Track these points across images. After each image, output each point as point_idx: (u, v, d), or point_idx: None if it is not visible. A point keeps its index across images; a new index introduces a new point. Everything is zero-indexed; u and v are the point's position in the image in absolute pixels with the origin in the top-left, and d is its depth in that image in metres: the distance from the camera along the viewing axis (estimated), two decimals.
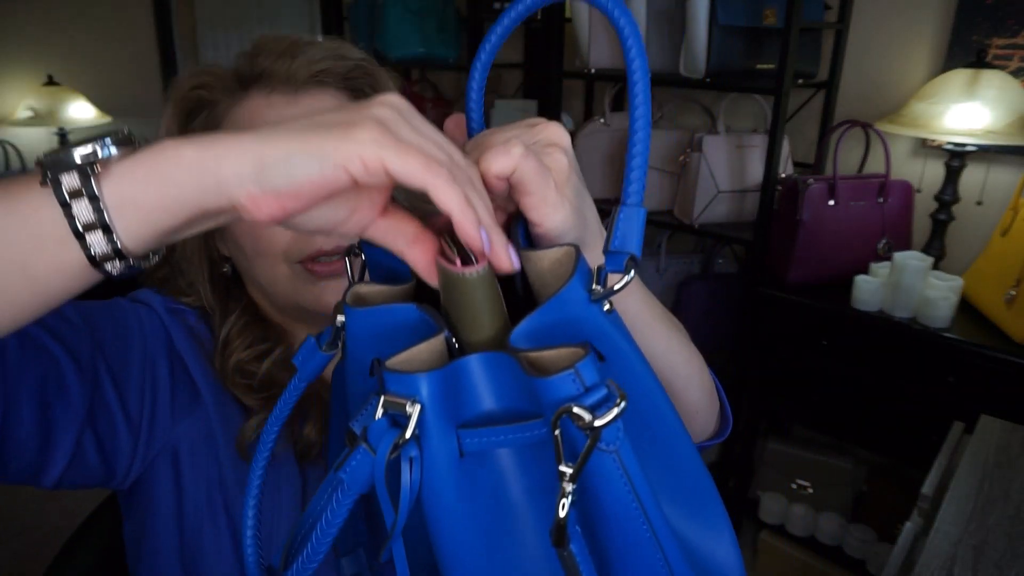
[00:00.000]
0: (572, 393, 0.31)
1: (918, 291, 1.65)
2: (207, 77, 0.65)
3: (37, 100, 2.90)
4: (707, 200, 1.98)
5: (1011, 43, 1.73)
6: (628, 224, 0.37)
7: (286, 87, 0.64)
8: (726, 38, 1.83)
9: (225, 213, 0.36)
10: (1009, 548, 0.95)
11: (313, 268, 0.63)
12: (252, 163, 0.34)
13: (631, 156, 0.37)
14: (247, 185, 0.34)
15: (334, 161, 0.34)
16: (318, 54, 0.64)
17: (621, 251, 0.36)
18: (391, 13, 2.44)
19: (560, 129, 0.44)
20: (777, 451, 2.17)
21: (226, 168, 0.34)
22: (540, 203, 0.40)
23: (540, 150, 0.42)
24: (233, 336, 0.67)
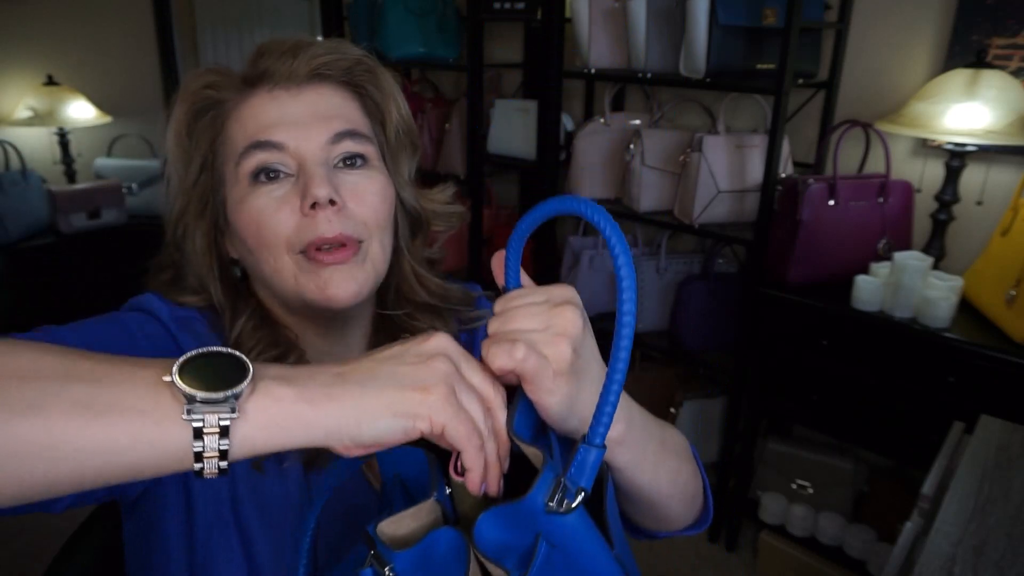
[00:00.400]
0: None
1: (918, 291, 1.65)
2: (215, 77, 0.66)
3: (37, 100, 2.90)
4: (707, 200, 1.98)
5: (1011, 43, 1.73)
6: (584, 461, 0.43)
7: (288, 83, 0.65)
8: (726, 38, 1.83)
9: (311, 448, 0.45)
10: (1009, 548, 0.95)
11: (316, 257, 0.63)
12: (352, 423, 0.43)
13: (606, 392, 0.42)
14: (345, 440, 0.43)
15: (413, 425, 0.43)
16: (319, 51, 0.66)
17: (575, 485, 0.43)
18: (391, 13, 2.44)
19: (575, 317, 0.49)
20: (777, 451, 2.17)
21: (331, 424, 0.43)
22: (536, 390, 0.47)
23: (549, 338, 0.47)
24: (244, 338, 0.66)
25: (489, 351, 0.46)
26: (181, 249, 0.69)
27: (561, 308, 0.49)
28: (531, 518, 0.43)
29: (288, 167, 0.63)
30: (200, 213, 0.67)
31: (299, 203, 0.62)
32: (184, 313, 0.67)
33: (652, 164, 2.11)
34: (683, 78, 1.94)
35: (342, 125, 0.65)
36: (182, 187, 0.67)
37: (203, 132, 0.66)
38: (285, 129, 0.63)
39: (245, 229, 0.64)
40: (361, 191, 0.65)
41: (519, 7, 2.26)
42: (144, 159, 3.12)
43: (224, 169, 0.66)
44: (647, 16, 1.96)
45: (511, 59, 2.72)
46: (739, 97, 2.13)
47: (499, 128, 2.49)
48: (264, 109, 0.64)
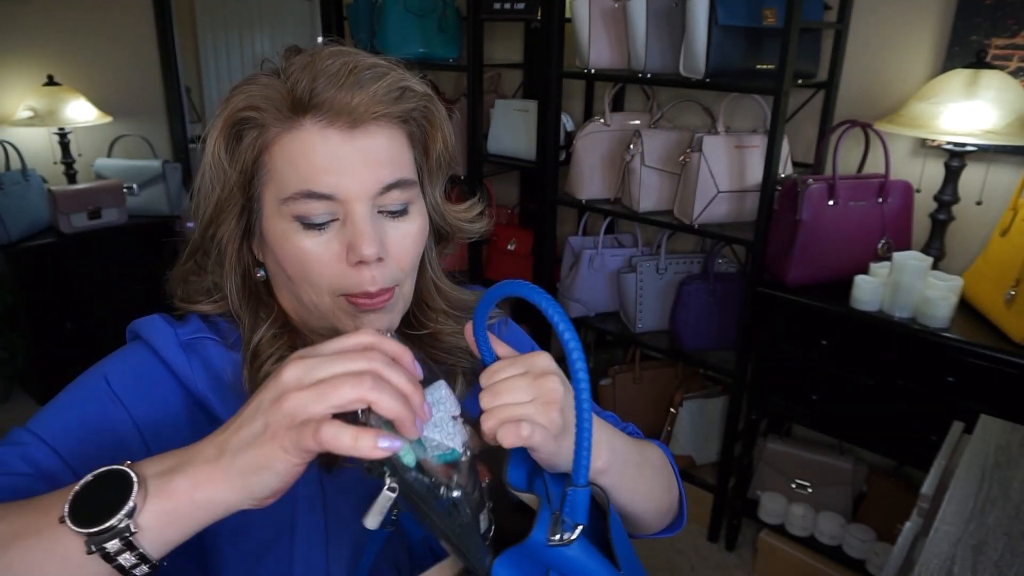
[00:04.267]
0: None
1: (918, 291, 1.65)
2: (260, 98, 0.61)
3: (37, 100, 2.90)
4: (707, 200, 1.98)
5: (1011, 43, 1.73)
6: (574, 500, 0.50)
7: (343, 122, 0.60)
8: (726, 38, 1.83)
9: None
10: (1009, 548, 0.95)
11: (356, 301, 0.63)
12: (244, 491, 0.47)
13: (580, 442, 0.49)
14: (246, 504, 0.48)
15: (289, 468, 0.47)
16: (381, 90, 0.61)
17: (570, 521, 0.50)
18: (391, 13, 2.44)
19: (557, 385, 0.55)
20: (777, 451, 2.17)
21: (230, 499, 0.47)
22: (542, 456, 0.54)
23: (541, 408, 0.53)
24: (263, 347, 0.66)
25: (498, 433, 0.51)
26: (206, 250, 0.68)
27: (543, 378, 0.55)
28: (538, 554, 0.50)
29: (335, 214, 0.61)
30: (229, 221, 0.66)
31: (344, 252, 0.62)
32: (191, 336, 0.65)
33: (652, 164, 2.11)
34: (683, 78, 1.94)
35: (392, 175, 0.62)
36: (216, 197, 0.64)
37: (243, 152, 0.63)
38: (335, 177, 0.60)
39: (286, 262, 0.63)
40: (402, 240, 0.64)
41: (519, 7, 2.26)
42: (144, 159, 3.12)
43: (264, 191, 0.64)
44: (647, 16, 1.96)
45: (511, 59, 2.73)
46: (739, 97, 2.13)
47: (499, 128, 2.49)
48: (315, 150, 0.60)
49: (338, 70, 0.60)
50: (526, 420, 0.52)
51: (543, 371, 0.55)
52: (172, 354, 0.63)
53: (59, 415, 0.61)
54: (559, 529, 0.50)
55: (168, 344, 0.64)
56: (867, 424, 1.78)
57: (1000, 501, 1.04)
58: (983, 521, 1.00)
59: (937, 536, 0.97)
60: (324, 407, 0.46)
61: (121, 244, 2.91)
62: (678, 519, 0.78)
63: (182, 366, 0.63)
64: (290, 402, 0.46)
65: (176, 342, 0.64)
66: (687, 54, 1.90)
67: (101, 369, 0.64)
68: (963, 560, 0.93)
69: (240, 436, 0.48)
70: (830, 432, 1.94)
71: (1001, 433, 1.23)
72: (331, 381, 0.47)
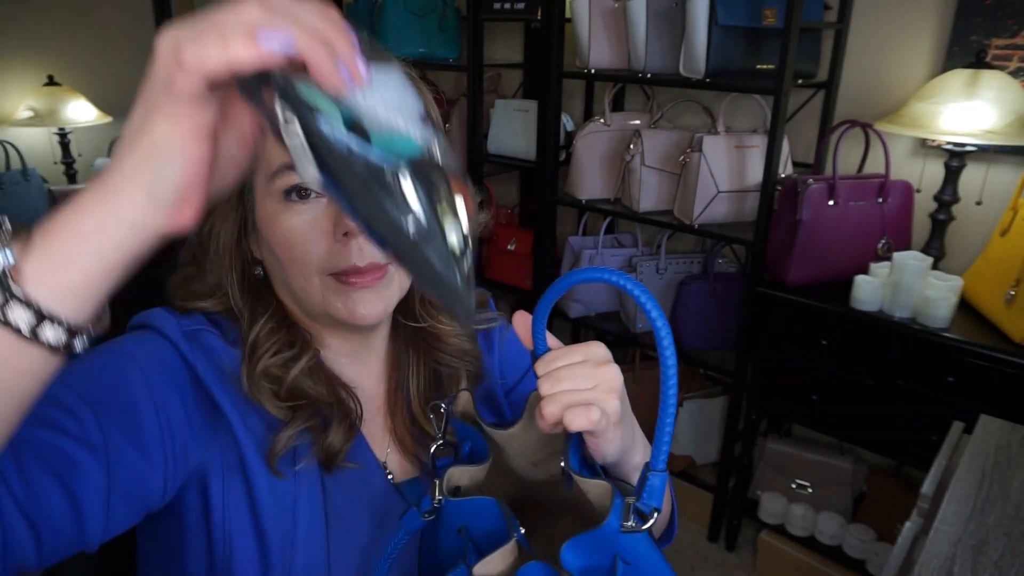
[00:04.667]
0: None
1: (918, 291, 1.65)
2: None
3: (37, 100, 2.90)
4: (707, 200, 1.98)
5: (1011, 43, 1.73)
6: (654, 487, 0.50)
7: None
8: (726, 38, 1.83)
9: (153, 243, 0.40)
10: (1008, 548, 0.95)
11: (346, 279, 0.63)
12: (140, 198, 0.38)
13: (662, 424, 0.50)
14: (152, 217, 0.39)
15: (173, 141, 0.38)
16: None
17: (649, 504, 0.50)
18: (391, 13, 2.44)
19: (617, 374, 0.56)
20: (777, 451, 2.17)
21: (126, 211, 0.38)
22: (601, 443, 0.55)
23: (603, 396, 0.54)
24: (261, 340, 0.66)
25: (565, 417, 0.52)
26: (205, 249, 0.68)
27: (604, 367, 0.55)
28: (607, 541, 0.50)
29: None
30: (227, 215, 0.67)
31: (331, 228, 0.62)
32: (193, 327, 0.66)
33: (652, 164, 2.11)
34: (683, 78, 1.94)
35: None
36: None
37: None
38: None
39: (276, 245, 0.64)
40: None
41: (519, 7, 2.26)
42: None
43: (255, 177, 0.65)
44: (647, 16, 1.96)
45: (511, 59, 2.72)
46: (739, 97, 2.13)
47: (499, 128, 2.49)
48: None
49: None
50: (595, 404, 0.52)
51: (602, 359, 0.56)
52: (179, 339, 0.63)
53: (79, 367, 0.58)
54: (633, 514, 0.50)
55: (175, 331, 0.64)
56: (867, 424, 1.78)
57: (1000, 501, 1.04)
58: (983, 521, 1.00)
59: (937, 536, 0.97)
60: (202, 51, 0.36)
61: None
62: (668, 532, 0.80)
63: (189, 352, 0.63)
64: (162, 58, 0.37)
65: (180, 331, 0.64)
66: (687, 54, 1.90)
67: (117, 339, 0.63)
68: (963, 560, 0.93)
69: (122, 143, 0.39)
70: (830, 432, 1.94)
71: (1001, 433, 1.23)
72: (214, 25, 0.36)
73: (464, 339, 0.76)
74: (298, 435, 0.64)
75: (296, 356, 0.67)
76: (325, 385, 0.68)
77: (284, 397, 0.65)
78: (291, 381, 0.65)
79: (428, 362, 0.76)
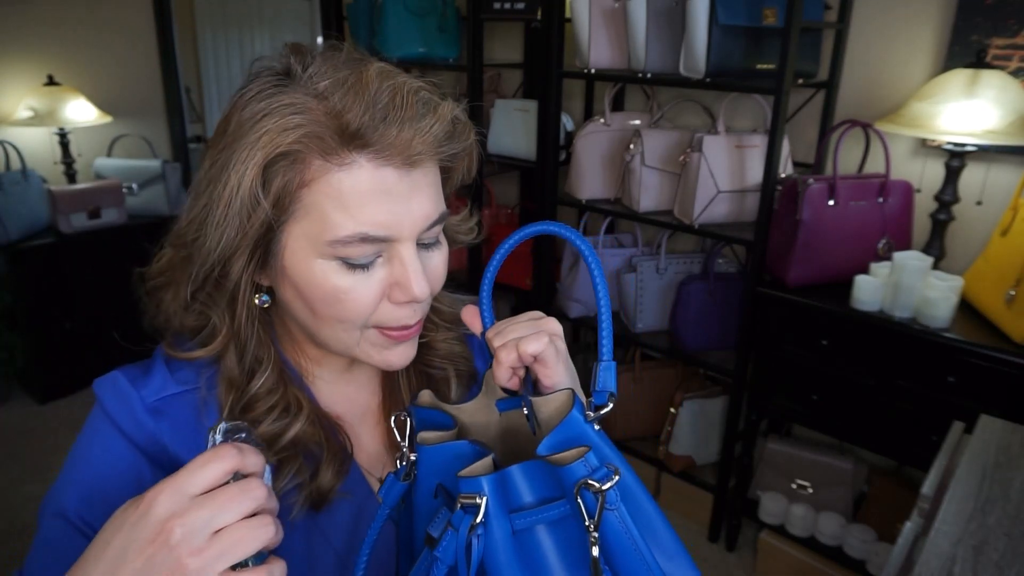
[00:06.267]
0: (584, 473, 0.49)
1: (918, 291, 1.65)
2: (311, 127, 0.54)
3: (37, 100, 2.90)
4: (707, 200, 1.98)
5: (1011, 43, 1.73)
6: (606, 374, 0.55)
7: (400, 161, 0.56)
8: (726, 38, 1.83)
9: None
10: (1009, 548, 0.95)
11: (391, 335, 0.61)
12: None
13: (600, 319, 0.56)
14: None
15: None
16: (440, 132, 0.57)
17: (603, 390, 0.54)
18: (391, 13, 2.44)
19: (557, 323, 0.61)
20: (777, 451, 2.17)
21: None
22: (552, 372, 0.58)
23: (547, 336, 0.58)
24: (259, 398, 0.62)
25: (521, 344, 0.56)
26: (212, 292, 0.62)
27: (544, 320, 0.60)
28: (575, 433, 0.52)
29: (380, 251, 0.58)
30: (245, 253, 0.59)
31: (387, 289, 0.59)
32: (157, 396, 0.61)
33: (652, 164, 2.11)
34: (683, 78, 1.94)
35: (436, 211, 0.60)
36: (239, 230, 0.57)
37: (280, 184, 0.56)
38: (391, 218, 0.56)
39: (316, 299, 0.59)
40: (436, 271, 0.63)
41: (519, 7, 2.26)
42: (144, 159, 3.12)
43: (293, 225, 0.57)
44: (647, 16, 1.96)
45: (511, 59, 2.73)
46: (739, 97, 2.13)
47: (499, 128, 2.49)
48: (370, 189, 0.55)
49: (392, 99, 0.55)
50: (548, 336, 0.58)
51: (540, 316, 0.61)
52: (145, 418, 0.60)
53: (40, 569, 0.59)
54: (592, 406, 0.53)
55: (127, 418, 0.60)
56: (867, 424, 1.78)
57: (1000, 501, 1.04)
58: (983, 521, 1.00)
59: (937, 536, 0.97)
60: (230, 563, 0.43)
61: (121, 244, 2.91)
62: None
63: (147, 439, 0.59)
64: (194, 565, 0.43)
65: (143, 407, 0.60)
66: (687, 54, 1.90)
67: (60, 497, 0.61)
68: (963, 560, 0.92)
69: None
70: (830, 432, 1.94)
71: (1001, 433, 1.23)
72: (231, 533, 0.43)
73: (453, 342, 0.75)
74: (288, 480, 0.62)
75: (293, 419, 0.63)
76: (318, 426, 0.65)
77: (279, 450, 0.62)
78: (290, 439, 0.63)
79: (419, 367, 0.75)
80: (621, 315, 2.36)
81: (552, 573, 0.51)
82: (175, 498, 0.43)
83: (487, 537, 0.49)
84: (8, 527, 2.25)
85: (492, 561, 0.50)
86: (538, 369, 0.58)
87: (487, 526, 0.49)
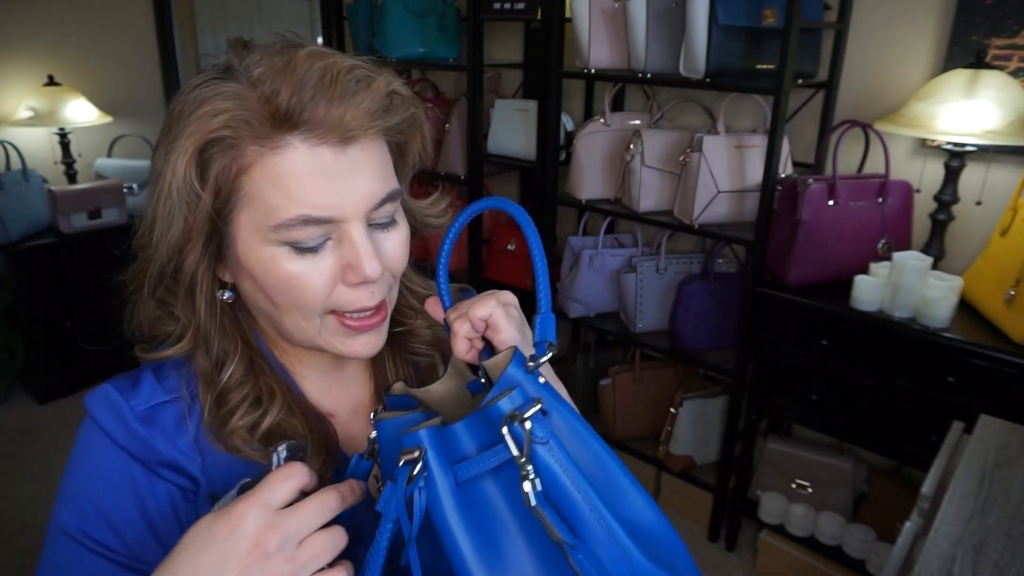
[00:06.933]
0: (509, 407, 0.49)
1: (918, 291, 1.65)
2: (239, 112, 0.55)
3: (37, 100, 2.90)
4: (707, 200, 1.98)
5: (1011, 43, 1.73)
6: (545, 324, 0.57)
7: (335, 138, 0.56)
8: (726, 38, 1.83)
9: None
10: (1009, 548, 0.95)
11: (348, 323, 0.61)
12: None
13: (537, 276, 0.57)
14: None
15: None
16: (374, 104, 0.57)
17: (543, 340, 0.56)
18: (391, 13, 2.44)
19: (511, 295, 0.63)
20: (777, 451, 2.17)
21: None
22: (506, 337, 0.59)
23: (501, 305, 0.60)
24: (231, 389, 0.63)
25: (472, 307, 0.59)
26: (169, 287, 0.63)
27: (501, 293, 0.62)
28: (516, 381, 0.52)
29: (329, 234, 0.58)
30: (197, 247, 0.60)
31: (340, 272, 0.59)
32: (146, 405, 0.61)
33: (652, 164, 2.11)
34: (683, 78, 1.94)
35: (384, 188, 0.59)
36: (184, 224, 0.58)
37: (217, 174, 0.56)
38: (332, 197, 0.56)
39: (271, 287, 0.59)
40: (393, 252, 0.62)
41: (519, 7, 2.26)
42: (144, 159, 3.13)
43: (239, 215, 0.58)
44: (647, 16, 1.96)
45: (511, 59, 2.72)
46: (739, 97, 2.13)
47: (499, 128, 2.49)
48: (307, 170, 0.55)
49: (321, 78, 0.55)
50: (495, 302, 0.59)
51: (499, 293, 0.62)
52: (129, 427, 0.60)
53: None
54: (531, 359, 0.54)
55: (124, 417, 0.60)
56: (867, 424, 1.78)
57: (1000, 501, 1.05)
58: (983, 521, 1.00)
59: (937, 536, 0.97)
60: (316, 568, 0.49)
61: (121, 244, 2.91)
62: None
63: (140, 446, 0.60)
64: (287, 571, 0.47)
65: (133, 416, 0.60)
66: (687, 54, 1.90)
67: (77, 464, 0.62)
68: (963, 560, 0.93)
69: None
70: (830, 432, 1.94)
71: (1001, 433, 1.23)
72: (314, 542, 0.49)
73: (438, 328, 0.74)
74: None
75: (267, 409, 0.64)
76: (300, 417, 0.65)
77: (259, 441, 0.62)
78: (267, 427, 0.63)
79: (404, 356, 0.75)
80: (621, 315, 2.36)
81: (502, 520, 0.50)
82: (263, 512, 0.48)
83: (429, 489, 0.49)
84: (8, 527, 2.26)
85: (438, 514, 0.49)
86: (492, 336, 0.60)
87: (429, 479, 0.49)
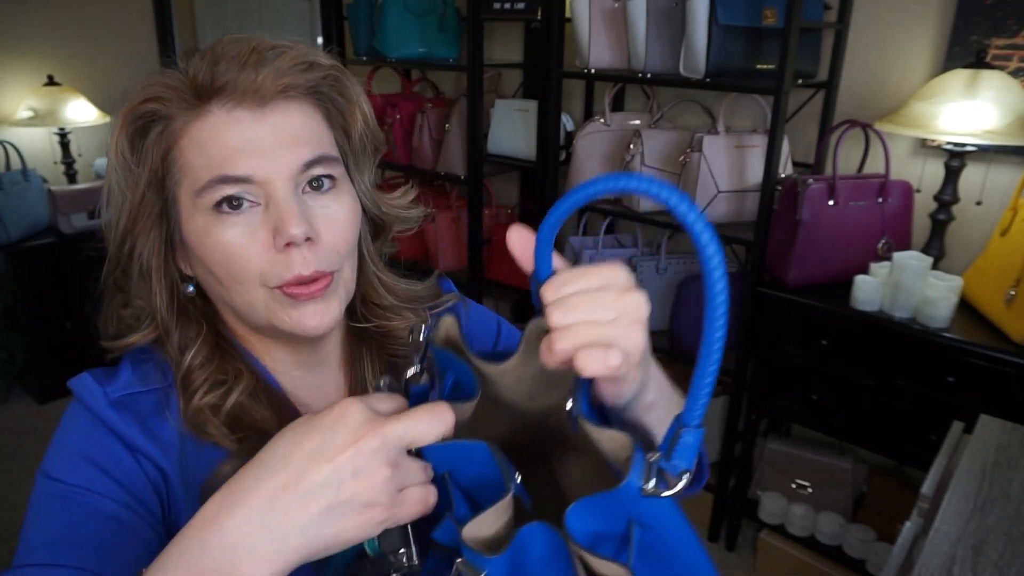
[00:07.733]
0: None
1: (918, 291, 1.65)
2: (161, 88, 0.59)
3: (37, 100, 2.90)
4: (707, 200, 1.98)
5: (1011, 43, 1.73)
6: (685, 444, 0.41)
7: (251, 101, 0.58)
8: (726, 38, 1.83)
9: None
10: (1008, 548, 0.95)
11: (292, 292, 0.60)
12: (320, 549, 0.43)
13: (703, 373, 0.41)
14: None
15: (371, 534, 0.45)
16: (285, 64, 0.59)
17: (676, 464, 0.41)
18: (391, 13, 2.44)
19: (643, 301, 0.45)
20: (777, 451, 2.17)
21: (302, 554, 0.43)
22: (618, 388, 0.48)
23: (625, 330, 0.44)
24: (194, 371, 0.63)
25: (579, 359, 0.43)
26: (127, 272, 0.64)
27: (628, 294, 0.45)
28: (623, 504, 0.42)
29: (254, 196, 0.58)
30: (148, 232, 0.62)
31: (270, 238, 0.58)
32: (121, 393, 0.61)
33: (652, 164, 2.11)
34: (683, 78, 1.94)
35: (312, 151, 0.60)
36: (128, 205, 0.61)
37: (150, 149, 0.60)
38: (251, 158, 0.57)
39: (212, 261, 0.60)
40: (333, 219, 0.61)
41: (519, 7, 2.26)
42: None
43: (178, 191, 0.60)
44: (647, 16, 1.96)
45: (511, 59, 2.72)
46: (739, 97, 2.13)
47: (499, 128, 2.49)
48: (225, 133, 0.58)
49: (239, 52, 0.58)
50: (615, 345, 0.43)
51: (625, 285, 0.45)
52: (107, 410, 0.60)
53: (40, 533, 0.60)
54: (656, 475, 0.41)
55: (100, 401, 0.61)
56: (867, 424, 1.78)
57: (1000, 501, 1.05)
58: (983, 521, 1.00)
59: (937, 536, 0.97)
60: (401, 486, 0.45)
61: None
62: (698, 477, 0.69)
63: (120, 420, 0.60)
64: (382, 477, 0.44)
65: (107, 401, 0.61)
66: (687, 54, 1.90)
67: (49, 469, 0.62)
68: (963, 560, 0.93)
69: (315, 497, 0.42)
70: (830, 432, 1.94)
71: (1001, 433, 1.23)
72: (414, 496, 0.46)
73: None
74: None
75: (231, 388, 0.64)
76: (269, 408, 0.65)
77: (228, 427, 0.62)
78: (229, 409, 0.62)
79: (383, 355, 0.73)
80: None
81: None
82: (366, 410, 0.44)
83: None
84: (8, 527, 2.26)
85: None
86: (601, 381, 0.49)
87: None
